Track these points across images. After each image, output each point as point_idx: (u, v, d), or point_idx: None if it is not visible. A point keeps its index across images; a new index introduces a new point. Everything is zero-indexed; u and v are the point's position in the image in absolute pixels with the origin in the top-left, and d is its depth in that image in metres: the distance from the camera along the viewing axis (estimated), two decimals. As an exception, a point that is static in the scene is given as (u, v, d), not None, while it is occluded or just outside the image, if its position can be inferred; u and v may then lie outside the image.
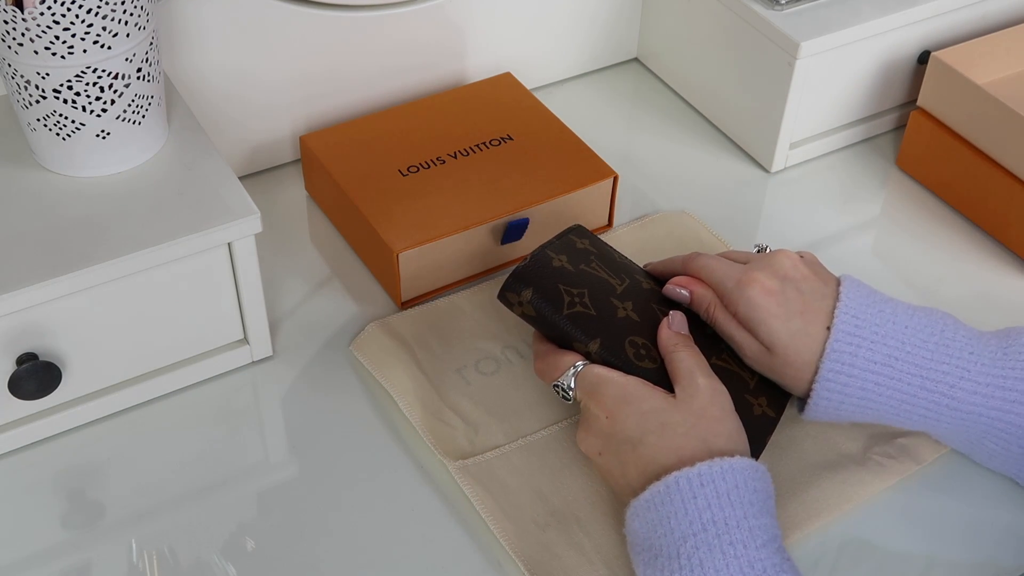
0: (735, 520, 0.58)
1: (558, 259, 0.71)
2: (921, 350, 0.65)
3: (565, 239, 0.74)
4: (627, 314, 0.70)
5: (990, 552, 0.69)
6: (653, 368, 0.68)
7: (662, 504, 0.59)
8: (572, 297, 0.69)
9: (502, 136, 0.90)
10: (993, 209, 0.89)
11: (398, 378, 0.76)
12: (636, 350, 0.68)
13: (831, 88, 0.94)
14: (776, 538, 0.59)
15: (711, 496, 0.59)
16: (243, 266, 0.73)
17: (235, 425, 0.75)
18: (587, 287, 0.70)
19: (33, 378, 0.69)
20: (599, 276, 0.71)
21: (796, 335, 0.65)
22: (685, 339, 0.68)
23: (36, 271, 0.67)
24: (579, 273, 0.71)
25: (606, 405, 0.65)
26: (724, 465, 0.59)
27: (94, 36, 0.67)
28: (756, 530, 0.58)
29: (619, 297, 0.70)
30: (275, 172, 0.94)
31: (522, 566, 0.65)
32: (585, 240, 0.75)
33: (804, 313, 0.66)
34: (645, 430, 0.63)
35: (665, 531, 0.59)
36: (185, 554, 0.67)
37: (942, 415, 0.66)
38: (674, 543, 0.58)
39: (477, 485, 0.69)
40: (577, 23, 1.02)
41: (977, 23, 0.97)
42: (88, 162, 0.73)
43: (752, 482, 0.60)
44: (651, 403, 0.64)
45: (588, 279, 0.71)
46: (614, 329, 0.68)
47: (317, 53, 0.90)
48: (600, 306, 0.69)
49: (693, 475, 0.59)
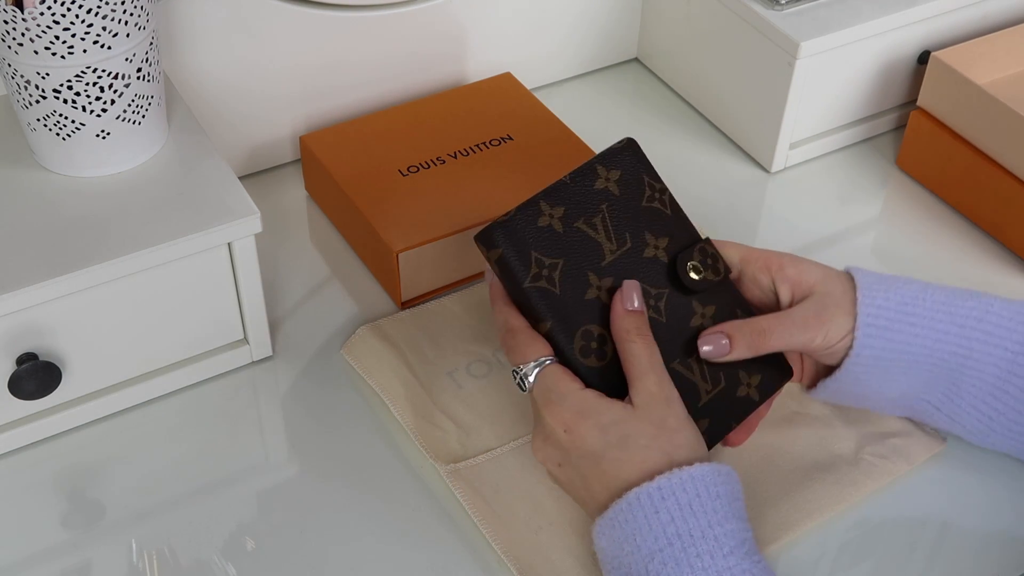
0: (699, 530, 0.58)
1: (549, 214, 0.65)
2: (941, 292, 0.67)
3: (588, 170, 0.67)
4: (598, 295, 0.65)
5: (988, 552, 0.69)
6: (595, 368, 0.64)
7: (626, 522, 0.59)
8: (541, 269, 0.64)
9: (502, 136, 0.90)
10: (993, 209, 0.89)
11: (389, 382, 0.76)
12: (587, 343, 0.64)
13: (831, 88, 0.94)
14: (745, 542, 0.59)
15: (673, 509, 0.58)
16: (243, 266, 0.73)
17: (235, 425, 0.75)
18: (565, 256, 0.65)
19: (33, 378, 0.69)
20: (591, 239, 0.65)
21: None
22: (639, 325, 0.64)
23: (36, 271, 0.67)
24: (565, 235, 0.65)
25: (563, 418, 0.62)
26: (684, 475, 0.59)
27: (94, 36, 0.67)
28: (722, 538, 0.58)
29: (600, 271, 0.65)
30: (275, 172, 0.95)
31: (514, 570, 0.65)
32: (617, 171, 0.67)
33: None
34: (607, 444, 0.61)
35: (632, 548, 0.59)
36: (185, 554, 0.67)
37: (973, 349, 0.66)
38: (642, 560, 0.58)
39: (469, 489, 0.69)
40: (577, 23, 1.02)
41: (977, 23, 0.97)
42: (88, 162, 0.73)
43: (714, 487, 0.59)
44: (610, 415, 0.61)
45: (573, 244, 0.65)
46: (573, 313, 0.64)
47: (317, 53, 0.90)
48: (569, 282, 0.64)
49: (654, 489, 0.58)
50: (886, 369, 0.67)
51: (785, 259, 0.69)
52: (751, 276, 0.69)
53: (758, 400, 0.68)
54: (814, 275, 0.68)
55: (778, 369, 0.69)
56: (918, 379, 0.68)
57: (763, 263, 0.69)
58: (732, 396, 0.67)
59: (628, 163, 0.68)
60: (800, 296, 0.68)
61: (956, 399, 0.68)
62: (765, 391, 0.68)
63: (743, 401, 0.67)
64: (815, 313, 0.66)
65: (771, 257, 0.69)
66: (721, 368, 0.66)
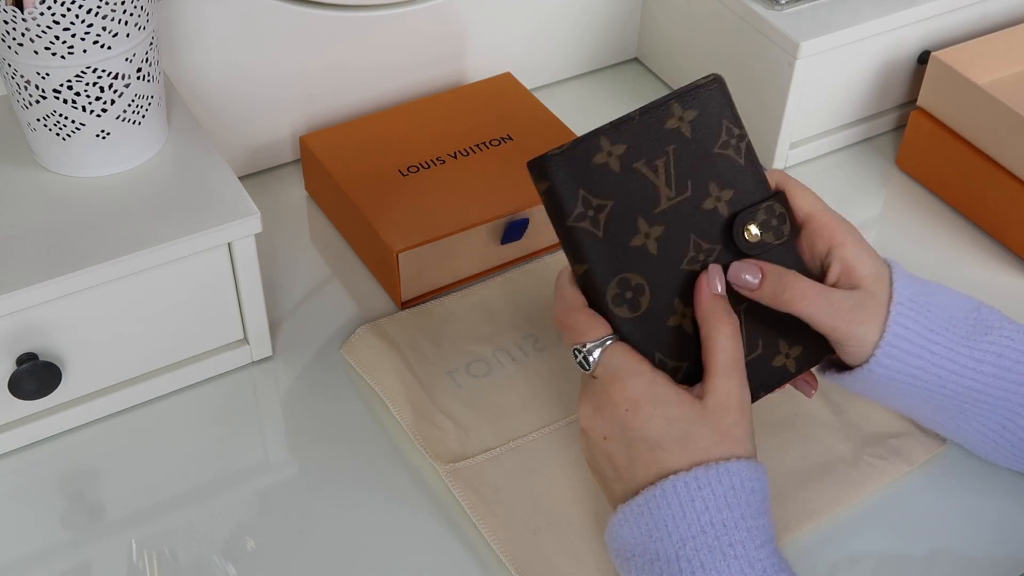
0: (733, 521, 0.58)
1: (608, 151, 0.61)
2: (965, 324, 0.66)
3: (661, 106, 0.62)
4: (645, 243, 0.61)
5: (987, 552, 0.69)
6: (625, 319, 0.61)
7: (658, 508, 0.59)
8: (587, 208, 0.60)
9: (502, 136, 0.90)
10: (993, 209, 0.89)
11: (389, 381, 0.76)
12: (621, 291, 0.61)
13: (831, 88, 0.94)
14: (772, 539, 0.59)
15: (708, 498, 0.58)
16: (243, 266, 0.73)
17: (235, 425, 0.75)
18: (617, 198, 0.61)
19: (33, 378, 0.69)
20: (648, 182, 0.61)
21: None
22: (724, 310, 0.62)
23: (36, 271, 0.67)
24: (621, 177, 0.61)
25: (630, 397, 0.61)
26: (720, 468, 0.59)
27: (94, 36, 0.67)
28: (755, 530, 0.58)
29: (652, 217, 0.61)
30: (275, 172, 0.95)
31: (513, 570, 0.65)
32: (693, 111, 0.63)
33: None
34: (667, 436, 0.60)
35: (662, 535, 0.58)
36: (185, 554, 0.67)
37: (988, 384, 0.65)
38: (672, 547, 0.58)
39: (468, 489, 0.69)
40: (577, 23, 1.02)
41: (977, 23, 0.97)
42: (88, 162, 0.73)
43: (749, 482, 0.59)
44: (679, 410, 0.60)
45: (627, 186, 0.61)
46: (613, 259, 0.61)
47: (317, 53, 0.90)
48: (615, 227, 0.60)
49: (690, 478, 0.58)
50: (895, 388, 0.66)
51: (848, 239, 0.66)
52: (809, 237, 0.66)
53: (794, 372, 0.65)
54: (867, 270, 0.65)
55: (819, 345, 0.66)
56: (926, 405, 0.67)
57: (827, 231, 0.66)
58: (768, 364, 0.65)
59: (709, 103, 0.64)
60: (847, 284, 0.65)
61: (964, 424, 0.68)
62: (802, 364, 0.66)
63: (778, 371, 0.65)
64: (852, 308, 0.64)
65: (836, 230, 0.66)
66: (762, 334, 0.64)
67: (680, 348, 0.63)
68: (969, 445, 0.70)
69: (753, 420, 0.62)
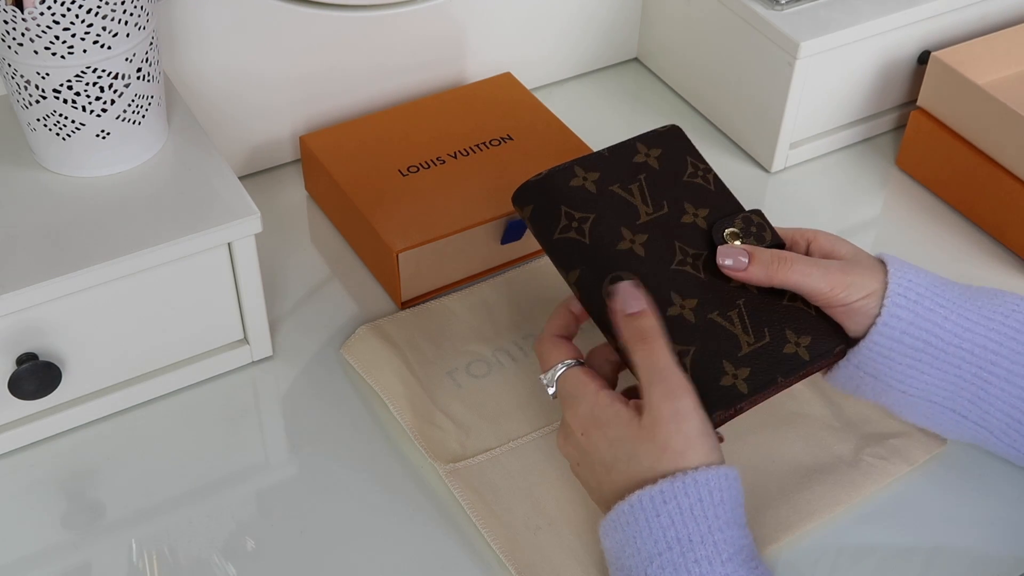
0: (699, 536, 0.58)
1: (583, 176, 0.64)
2: (968, 288, 0.68)
3: (627, 146, 0.67)
4: (631, 247, 0.63)
5: (988, 551, 0.69)
6: None
7: (627, 524, 0.59)
8: (571, 221, 0.63)
9: (502, 136, 0.90)
10: (993, 209, 0.89)
11: (389, 381, 0.76)
12: None
13: (831, 88, 0.94)
14: (744, 548, 0.59)
15: (674, 512, 0.58)
16: (243, 266, 0.73)
17: (235, 425, 0.75)
18: (598, 212, 0.63)
19: (33, 378, 0.69)
20: (626, 201, 0.64)
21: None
22: (641, 330, 0.62)
23: (36, 271, 0.67)
24: (599, 196, 0.64)
25: (580, 422, 0.63)
26: (687, 480, 0.58)
27: (94, 36, 0.67)
28: (721, 544, 0.58)
29: (635, 227, 0.64)
30: (275, 172, 0.95)
31: (513, 570, 0.65)
32: (657, 150, 0.67)
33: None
34: (615, 457, 0.61)
35: (632, 551, 0.59)
36: (185, 554, 0.67)
37: (1002, 344, 0.65)
38: (641, 564, 0.58)
39: (468, 488, 0.69)
40: (577, 23, 1.02)
41: (977, 23, 0.97)
42: (88, 162, 0.73)
43: (717, 492, 0.59)
44: (617, 430, 0.61)
45: (607, 203, 0.64)
46: (602, 261, 0.63)
47: (317, 53, 0.90)
48: (600, 234, 0.63)
49: (656, 492, 0.58)
50: (911, 355, 0.66)
51: (820, 233, 0.69)
52: (789, 248, 0.69)
53: (808, 360, 0.66)
54: (846, 248, 0.68)
55: (832, 334, 0.67)
56: (944, 378, 0.66)
57: (799, 234, 0.69)
58: (778, 352, 0.65)
59: (671, 143, 0.68)
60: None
61: (984, 404, 0.67)
62: (817, 353, 0.66)
63: (791, 358, 0.65)
64: (841, 268, 0.66)
65: (805, 230, 0.69)
66: (766, 323, 0.65)
67: (683, 334, 0.64)
68: (992, 438, 0.68)
69: (745, 419, 0.62)
